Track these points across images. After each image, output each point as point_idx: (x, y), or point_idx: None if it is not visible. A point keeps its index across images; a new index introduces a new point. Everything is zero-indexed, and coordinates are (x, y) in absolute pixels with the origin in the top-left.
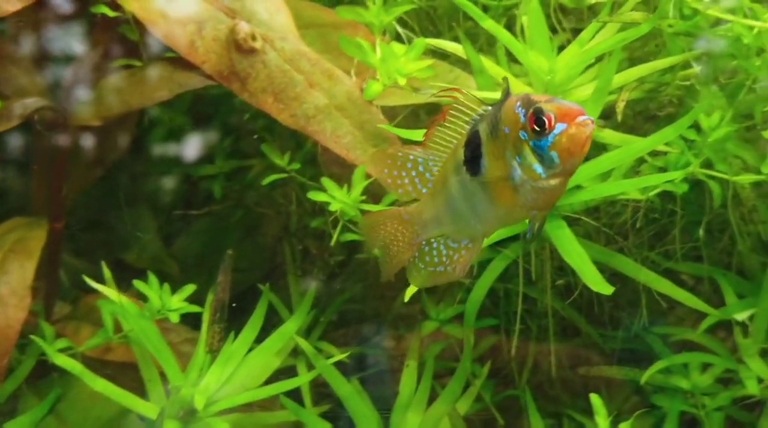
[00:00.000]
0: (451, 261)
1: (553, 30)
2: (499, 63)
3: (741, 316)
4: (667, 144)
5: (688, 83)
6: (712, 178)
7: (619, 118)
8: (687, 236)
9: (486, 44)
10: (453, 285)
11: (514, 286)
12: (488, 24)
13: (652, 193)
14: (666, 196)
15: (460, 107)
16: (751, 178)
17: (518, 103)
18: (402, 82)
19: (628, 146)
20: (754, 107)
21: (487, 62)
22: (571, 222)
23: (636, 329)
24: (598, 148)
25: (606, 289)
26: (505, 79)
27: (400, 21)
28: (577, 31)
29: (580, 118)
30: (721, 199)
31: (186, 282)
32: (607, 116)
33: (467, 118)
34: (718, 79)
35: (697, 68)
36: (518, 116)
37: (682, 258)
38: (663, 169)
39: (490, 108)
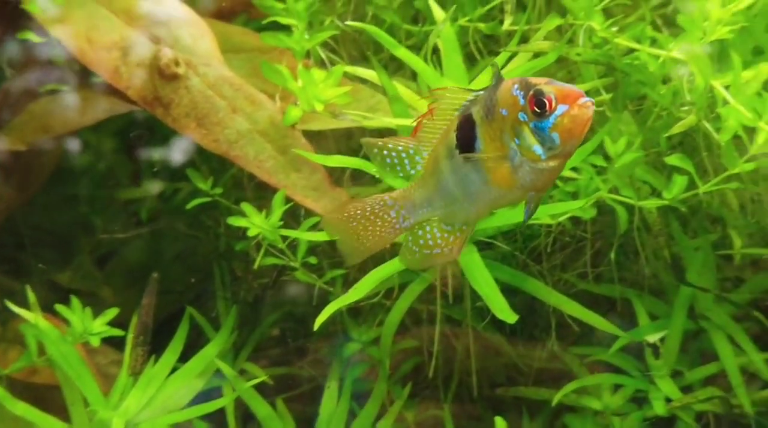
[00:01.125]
0: (447, 243)
1: (473, 58)
2: (421, 88)
3: (653, 338)
4: (576, 169)
5: (601, 109)
6: (620, 202)
7: None
8: (604, 258)
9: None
10: (375, 307)
11: (436, 308)
12: (401, 53)
13: (562, 218)
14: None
15: (447, 97)
16: (656, 202)
17: (515, 86)
18: (319, 108)
19: None
20: (659, 134)
21: (402, 89)
22: (486, 246)
23: (556, 349)
24: None
25: (510, 318)
26: (494, 64)
27: (327, 46)
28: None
29: (582, 100)
30: (628, 223)
31: (119, 303)
32: None
33: (455, 106)
34: (627, 106)
35: (607, 96)
36: (517, 98)
37: (605, 280)
38: (574, 194)
39: (481, 92)
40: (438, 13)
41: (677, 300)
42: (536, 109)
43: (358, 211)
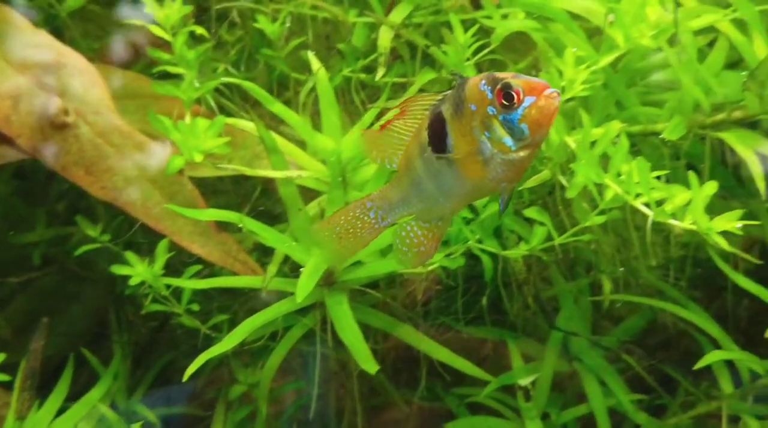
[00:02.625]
0: (426, 241)
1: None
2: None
3: (524, 381)
4: None
5: None
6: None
7: None
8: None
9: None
10: (263, 349)
11: (322, 349)
12: (276, 107)
13: (433, 267)
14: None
15: (416, 100)
16: (517, 252)
17: (483, 82)
18: (198, 158)
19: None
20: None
21: (280, 141)
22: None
23: (439, 390)
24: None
25: (372, 368)
26: (453, 72)
27: (221, 92)
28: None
29: (548, 91)
30: (493, 270)
31: (19, 345)
32: None
33: (425, 106)
34: None
35: None
36: (485, 93)
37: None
38: (446, 242)
39: (449, 92)
40: (315, 65)
41: (549, 343)
42: (504, 102)
43: (342, 220)
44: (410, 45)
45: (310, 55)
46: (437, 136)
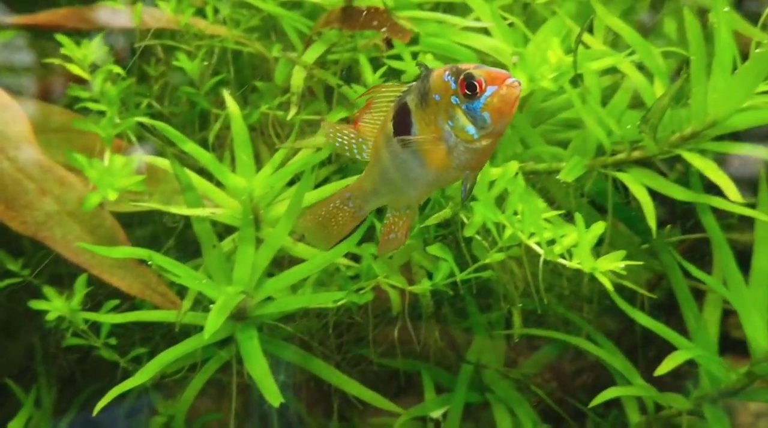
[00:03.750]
0: (397, 228)
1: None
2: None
3: (436, 414)
4: (357, 257)
5: None
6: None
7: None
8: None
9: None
10: (182, 382)
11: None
12: (189, 147)
13: (341, 302)
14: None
15: (381, 91)
16: (422, 287)
17: (446, 73)
18: (112, 196)
19: (314, 259)
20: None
21: (195, 178)
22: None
23: (356, 421)
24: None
25: (276, 401)
26: (420, 62)
27: (145, 126)
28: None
29: (509, 80)
30: (400, 305)
31: None
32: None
33: (391, 98)
34: None
35: None
36: (448, 84)
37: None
38: (356, 277)
39: (414, 83)
40: (230, 104)
41: (460, 375)
42: (467, 92)
43: (323, 211)
44: (325, 83)
45: (226, 94)
46: (403, 127)
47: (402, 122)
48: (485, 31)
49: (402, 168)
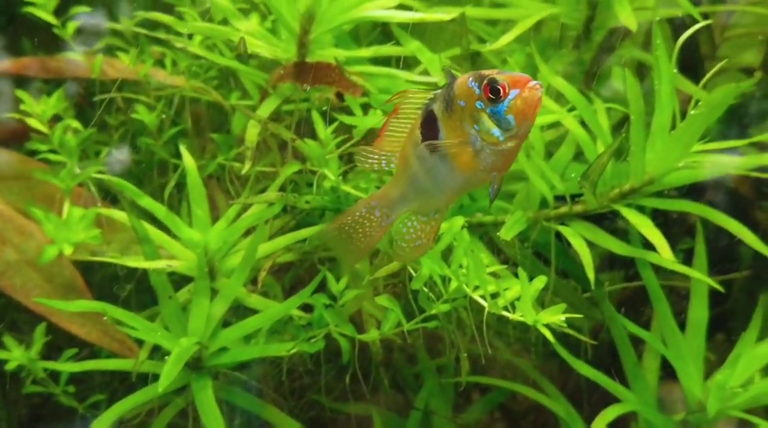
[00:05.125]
0: (425, 234)
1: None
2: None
3: None
4: (307, 307)
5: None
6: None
7: (260, 285)
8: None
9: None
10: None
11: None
12: (145, 201)
13: (292, 351)
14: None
15: (408, 98)
16: (371, 336)
17: (470, 79)
18: (68, 251)
19: (268, 310)
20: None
21: (152, 231)
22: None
23: None
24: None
25: None
26: (445, 67)
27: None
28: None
29: (531, 83)
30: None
31: None
32: (254, 282)
33: (417, 105)
34: None
35: None
36: (472, 90)
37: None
38: (308, 326)
39: (439, 91)
40: (186, 158)
41: (409, 420)
42: (491, 96)
43: (349, 219)
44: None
45: (182, 148)
46: (430, 134)
47: (429, 129)
48: (435, 85)
49: (431, 173)
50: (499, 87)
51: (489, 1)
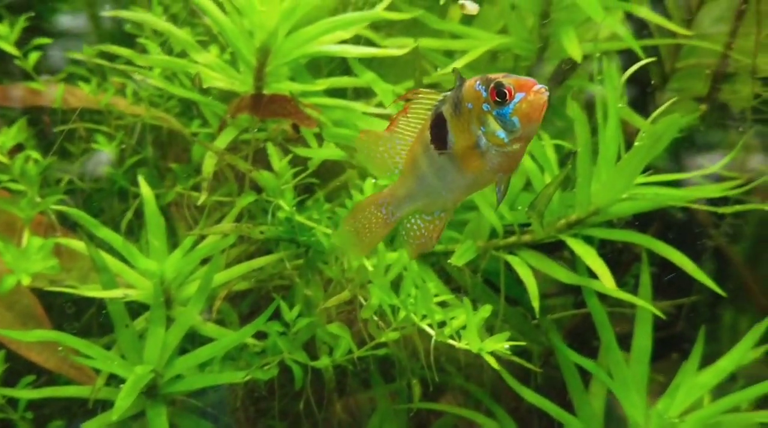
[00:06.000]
0: (427, 231)
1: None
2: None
3: None
4: (259, 336)
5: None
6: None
7: (214, 314)
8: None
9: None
10: None
11: None
12: (102, 232)
13: (246, 378)
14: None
15: (419, 99)
16: (324, 362)
17: (477, 82)
18: (26, 281)
19: (223, 338)
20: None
21: (109, 259)
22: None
23: None
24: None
25: None
26: (455, 70)
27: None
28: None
29: (536, 87)
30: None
31: None
32: (209, 310)
33: (427, 107)
34: (317, 273)
35: (300, 260)
36: (479, 92)
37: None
38: (263, 353)
39: (448, 93)
40: (144, 189)
41: None
42: (497, 99)
43: (359, 215)
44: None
45: (140, 179)
46: (439, 135)
47: (438, 130)
48: (388, 116)
49: (440, 173)
50: (505, 90)
51: (448, 32)
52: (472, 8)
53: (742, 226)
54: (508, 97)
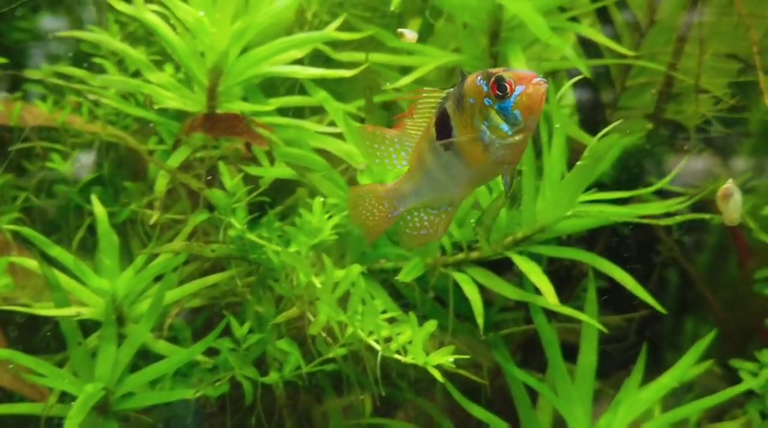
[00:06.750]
0: (432, 225)
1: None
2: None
3: None
4: (211, 352)
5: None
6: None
7: (166, 331)
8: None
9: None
10: None
11: None
12: (54, 252)
13: (197, 394)
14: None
15: (425, 98)
16: (273, 378)
17: (479, 78)
18: None
19: (173, 356)
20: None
21: (63, 278)
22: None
23: None
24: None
25: None
26: (459, 68)
27: (23, 220)
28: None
29: (536, 79)
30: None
31: None
32: (161, 328)
33: (432, 104)
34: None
35: (252, 278)
36: (481, 87)
37: None
38: (214, 369)
39: (451, 89)
40: (96, 208)
41: None
42: (498, 93)
43: (360, 198)
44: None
45: (93, 198)
46: (444, 131)
47: (443, 126)
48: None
49: (446, 168)
50: (505, 84)
51: (404, 49)
52: (411, 37)
53: (703, 237)
54: (508, 90)
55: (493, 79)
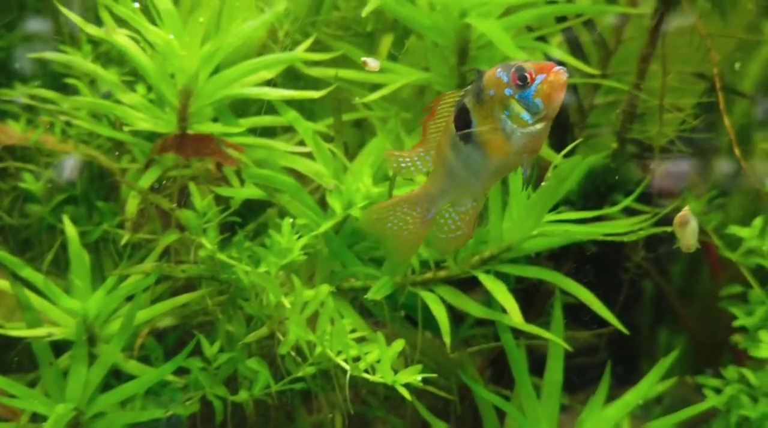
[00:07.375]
0: (464, 223)
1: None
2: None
3: None
4: (182, 371)
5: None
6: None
7: (136, 351)
8: None
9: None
10: None
11: None
12: (25, 273)
13: (168, 413)
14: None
15: (443, 100)
16: (243, 397)
17: (498, 70)
18: None
19: (144, 376)
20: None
21: (34, 298)
22: None
23: None
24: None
25: None
26: (474, 69)
27: None
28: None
29: (556, 68)
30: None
31: None
32: (132, 348)
33: (450, 104)
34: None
35: (223, 297)
36: (501, 79)
37: None
38: (185, 388)
39: (469, 87)
40: (68, 227)
41: None
42: (519, 83)
43: (390, 211)
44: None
45: (65, 218)
46: (464, 126)
47: (463, 122)
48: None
49: (467, 162)
50: (526, 74)
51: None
52: (374, 65)
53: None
54: (529, 80)
55: (513, 69)
